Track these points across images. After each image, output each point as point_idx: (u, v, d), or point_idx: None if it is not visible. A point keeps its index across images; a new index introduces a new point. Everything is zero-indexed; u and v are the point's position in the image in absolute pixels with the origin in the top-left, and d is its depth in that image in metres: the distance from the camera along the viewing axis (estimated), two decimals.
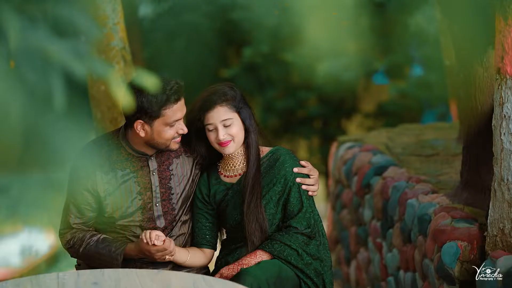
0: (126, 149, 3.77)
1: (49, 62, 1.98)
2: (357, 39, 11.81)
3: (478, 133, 4.67)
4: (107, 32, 5.02)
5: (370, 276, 5.97)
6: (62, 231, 3.83)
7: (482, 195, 4.63)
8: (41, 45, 1.96)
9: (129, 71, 5.12)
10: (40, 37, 1.99)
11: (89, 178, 3.74)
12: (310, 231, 3.73)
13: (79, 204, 3.77)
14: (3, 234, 16.58)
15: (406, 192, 5.15)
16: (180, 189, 3.81)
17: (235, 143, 3.74)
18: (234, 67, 12.35)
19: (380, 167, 5.85)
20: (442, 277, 4.40)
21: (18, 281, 3.32)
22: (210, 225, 3.87)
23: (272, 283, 3.57)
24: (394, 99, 12.38)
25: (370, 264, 5.94)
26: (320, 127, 12.61)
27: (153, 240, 3.60)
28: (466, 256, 4.29)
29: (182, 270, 3.78)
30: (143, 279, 3.30)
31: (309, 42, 10.53)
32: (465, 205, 4.68)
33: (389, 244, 5.42)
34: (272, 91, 12.32)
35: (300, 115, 12.56)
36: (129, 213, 3.77)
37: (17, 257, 15.96)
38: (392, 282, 5.40)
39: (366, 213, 5.94)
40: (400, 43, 12.15)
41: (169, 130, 3.66)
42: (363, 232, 6.07)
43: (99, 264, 3.75)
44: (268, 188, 3.75)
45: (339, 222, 6.74)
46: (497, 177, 4.05)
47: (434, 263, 4.49)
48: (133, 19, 10.23)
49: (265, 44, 11.97)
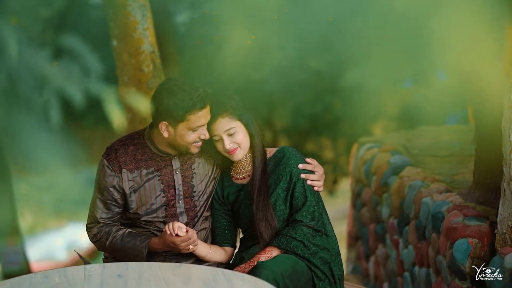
0: (151, 148, 3.78)
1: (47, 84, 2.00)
2: (383, 45, 11.75)
3: (490, 135, 4.63)
4: (137, 37, 5.04)
5: (387, 272, 5.94)
6: (90, 225, 3.84)
7: (493, 194, 4.60)
8: (39, 67, 1.97)
9: (158, 74, 5.13)
10: (39, 60, 2.00)
11: (116, 175, 3.75)
12: (314, 224, 3.72)
13: (105, 200, 3.78)
14: (49, 229, 16.74)
15: (421, 191, 5.13)
16: (202, 187, 3.82)
17: (241, 149, 3.75)
18: (265, 71, 12.33)
19: (397, 167, 5.83)
20: (454, 272, 4.37)
21: (47, 273, 3.34)
22: (228, 224, 3.88)
23: (287, 275, 3.56)
24: (417, 103, 12.30)
25: (388, 260, 5.91)
26: (346, 130, 12.57)
27: (176, 231, 3.60)
28: (477, 252, 4.26)
29: (203, 264, 3.78)
30: (165, 272, 3.30)
31: (337, 49, 10.51)
32: (477, 204, 4.65)
33: (405, 241, 5.39)
34: (300, 95, 12.29)
35: (326, 118, 12.53)
36: (153, 209, 3.78)
37: (62, 251, 16.11)
38: (408, 278, 5.37)
39: (384, 211, 5.91)
40: (425, 50, 12.05)
41: (192, 134, 3.66)
42: (381, 229, 6.04)
43: (124, 257, 3.77)
44: (275, 185, 3.76)
45: (359, 220, 6.72)
46: (506, 177, 4.01)
47: (447, 259, 4.46)
48: (169, 25, 10.25)
49: (294, 49, 11.94)
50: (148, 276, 3.26)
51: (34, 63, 2.00)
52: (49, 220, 16.73)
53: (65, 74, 1.95)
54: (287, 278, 3.56)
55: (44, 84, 2.48)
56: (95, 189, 3.82)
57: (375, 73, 11.57)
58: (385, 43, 11.16)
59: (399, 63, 12.10)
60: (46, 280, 3.25)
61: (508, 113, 3.96)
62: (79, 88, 2.07)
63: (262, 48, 11.90)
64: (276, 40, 11.77)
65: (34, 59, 2.02)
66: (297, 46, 11.75)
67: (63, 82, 1.98)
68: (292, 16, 9.02)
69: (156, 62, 5.15)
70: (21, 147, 5.09)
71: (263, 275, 3.48)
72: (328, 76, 11.73)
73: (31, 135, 4.34)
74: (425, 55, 11.98)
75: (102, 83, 2.21)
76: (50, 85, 2.21)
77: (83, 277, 3.26)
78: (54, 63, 3.55)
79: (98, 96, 2.17)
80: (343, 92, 11.72)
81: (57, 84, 2.09)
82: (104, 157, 3.78)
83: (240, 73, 11.86)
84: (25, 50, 2.02)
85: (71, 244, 15.42)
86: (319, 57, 11.62)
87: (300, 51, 11.87)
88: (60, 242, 15.96)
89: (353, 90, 11.34)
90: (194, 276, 3.30)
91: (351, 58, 10.68)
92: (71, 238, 14.15)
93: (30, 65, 2.00)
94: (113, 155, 3.77)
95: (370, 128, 12.60)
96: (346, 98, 11.94)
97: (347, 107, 12.33)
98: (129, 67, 5.06)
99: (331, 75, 11.57)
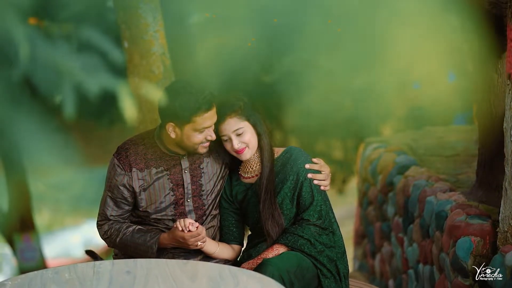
0: (160, 148, 3.79)
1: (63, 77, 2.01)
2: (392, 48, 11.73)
3: (493, 135, 4.62)
4: (148, 39, 5.06)
5: (392, 269, 5.93)
6: (100, 222, 3.86)
7: (496, 194, 4.59)
8: (56, 60, 1.98)
9: (168, 76, 5.15)
10: (56, 53, 2.01)
11: (126, 174, 3.76)
12: (321, 222, 3.72)
13: (116, 198, 3.80)
14: (66, 227, 16.80)
15: (426, 190, 5.12)
16: (210, 186, 3.82)
17: (250, 149, 3.75)
18: (275, 73, 12.32)
19: (402, 167, 5.82)
20: (457, 270, 4.36)
21: (58, 269, 3.35)
22: (236, 223, 3.89)
23: (292, 272, 3.56)
24: (426, 103, 12.27)
25: (393, 258, 5.90)
26: (355, 130, 12.55)
27: (188, 227, 3.61)
28: (479, 250, 4.25)
29: (211, 261, 3.79)
30: (173, 269, 3.32)
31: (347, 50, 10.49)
32: (480, 203, 4.64)
33: (410, 239, 5.38)
34: (310, 96, 12.27)
35: (336, 118, 12.51)
36: (162, 208, 3.79)
37: (78, 249, 16.16)
38: (412, 275, 5.36)
39: (390, 210, 5.91)
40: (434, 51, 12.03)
41: (198, 135, 3.67)
42: (387, 228, 6.03)
43: (135, 253, 3.78)
44: (282, 185, 3.76)
45: (365, 218, 6.71)
46: (507, 176, 4.00)
47: (450, 257, 4.46)
48: (182, 27, 10.25)
49: (305, 51, 11.92)
50: (156, 272, 3.27)
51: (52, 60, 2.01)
52: (66, 218, 16.79)
53: (83, 67, 1.97)
54: (293, 275, 3.56)
55: (61, 80, 2.49)
56: (106, 187, 3.83)
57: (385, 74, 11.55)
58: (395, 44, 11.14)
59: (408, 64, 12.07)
60: (57, 276, 3.27)
61: (509, 113, 3.94)
62: (96, 81, 2.08)
63: (272, 50, 11.92)
64: (286, 41, 11.77)
65: (52, 55, 2.03)
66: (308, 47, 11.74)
67: (81, 76, 2.00)
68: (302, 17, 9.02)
69: (166, 64, 5.16)
70: (35, 147, 5.11)
71: (269, 271, 3.49)
72: (339, 76, 11.72)
73: (42, 135, 4.37)
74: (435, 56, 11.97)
75: (117, 77, 2.22)
76: (67, 79, 2.22)
77: (93, 273, 3.28)
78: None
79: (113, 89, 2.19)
80: (354, 92, 11.71)
81: (75, 78, 2.10)
82: (115, 156, 3.80)
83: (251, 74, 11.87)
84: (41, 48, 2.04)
85: (87, 241, 15.46)
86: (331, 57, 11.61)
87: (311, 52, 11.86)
88: (77, 239, 16.02)
89: (363, 91, 11.33)
90: (201, 272, 3.31)
91: (362, 59, 10.67)
92: (88, 235, 14.21)
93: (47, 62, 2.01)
94: (124, 154, 3.78)
95: (379, 128, 12.58)
96: (357, 98, 11.93)
97: (357, 108, 12.32)
98: (140, 68, 5.08)
99: (342, 76, 11.56)
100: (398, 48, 10.45)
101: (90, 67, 2.16)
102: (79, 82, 2.58)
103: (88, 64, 2.19)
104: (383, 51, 10.37)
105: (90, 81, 2.05)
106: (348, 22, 9.10)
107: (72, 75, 2.07)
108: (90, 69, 2.16)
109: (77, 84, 3.15)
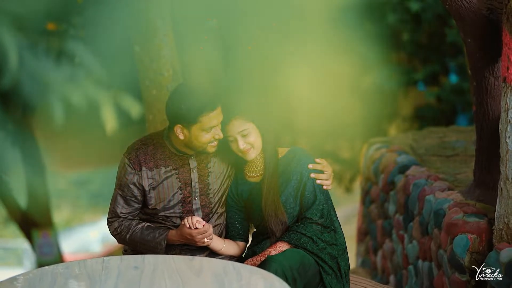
0: (169, 148, 3.79)
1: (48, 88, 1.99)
2: (398, 50, 11.72)
3: (489, 136, 4.61)
4: (158, 43, 5.05)
5: (393, 265, 5.92)
6: (110, 219, 3.86)
7: (492, 193, 4.57)
8: (41, 71, 1.97)
9: (177, 78, 5.14)
10: (40, 64, 2.00)
11: (136, 173, 3.77)
12: (323, 221, 3.71)
13: (126, 196, 3.80)
14: (85, 223, 16.84)
15: (425, 189, 5.11)
16: (217, 185, 3.83)
17: (255, 149, 3.75)
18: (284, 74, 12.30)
19: (403, 166, 5.81)
20: (454, 266, 4.35)
21: (68, 264, 3.36)
22: (241, 220, 3.90)
23: (295, 269, 3.55)
24: (430, 104, 12.25)
25: (394, 254, 5.89)
26: (362, 130, 12.53)
27: (195, 224, 3.62)
28: (475, 247, 4.24)
29: (216, 257, 3.79)
30: (179, 264, 3.32)
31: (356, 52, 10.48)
32: (477, 201, 4.63)
33: (410, 236, 5.38)
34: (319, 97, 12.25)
35: (344, 119, 12.49)
36: (171, 206, 3.79)
37: (96, 244, 16.21)
38: (412, 271, 5.35)
39: (391, 208, 5.90)
40: (438, 53, 12.02)
41: (206, 135, 3.67)
42: (388, 225, 6.02)
43: (144, 249, 3.79)
44: (286, 184, 3.76)
45: (368, 216, 6.70)
46: (503, 176, 3.99)
47: (447, 254, 4.45)
48: (190, 31, 10.25)
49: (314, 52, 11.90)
50: (163, 267, 3.28)
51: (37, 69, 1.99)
52: (85, 214, 16.85)
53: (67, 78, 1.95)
54: (295, 271, 3.55)
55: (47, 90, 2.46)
56: (116, 186, 3.84)
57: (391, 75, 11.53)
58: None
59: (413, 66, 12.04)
60: (67, 271, 3.28)
61: (504, 115, 3.93)
62: (80, 92, 2.06)
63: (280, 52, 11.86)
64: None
65: (37, 64, 2.01)
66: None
67: (64, 87, 1.98)
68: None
69: (175, 67, 5.16)
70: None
71: (272, 268, 3.48)
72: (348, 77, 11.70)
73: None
74: (438, 57, 11.93)
75: (100, 87, 2.19)
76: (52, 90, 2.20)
77: (101, 268, 3.28)
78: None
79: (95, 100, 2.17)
80: (362, 93, 11.69)
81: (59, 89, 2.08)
82: (125, 156, 3.80)
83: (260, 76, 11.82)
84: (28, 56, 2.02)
85: (105, 237, 15.52)
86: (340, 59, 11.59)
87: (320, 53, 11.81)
88: (95, 235, 16.08)
89: (371, 92, 11.31)
90: (206, 268, 3.31)
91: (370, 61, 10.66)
92: (106, 231, 14.24)
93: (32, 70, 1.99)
94: (134, 154, 3.79)
95: (385, 128, 12.56)
96: (365, 99, 11.92)
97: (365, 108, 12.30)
98: (150, 71, 5.07)
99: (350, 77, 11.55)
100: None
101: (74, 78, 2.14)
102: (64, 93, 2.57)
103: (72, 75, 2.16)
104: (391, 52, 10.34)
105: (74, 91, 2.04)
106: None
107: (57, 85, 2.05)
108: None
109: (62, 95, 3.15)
